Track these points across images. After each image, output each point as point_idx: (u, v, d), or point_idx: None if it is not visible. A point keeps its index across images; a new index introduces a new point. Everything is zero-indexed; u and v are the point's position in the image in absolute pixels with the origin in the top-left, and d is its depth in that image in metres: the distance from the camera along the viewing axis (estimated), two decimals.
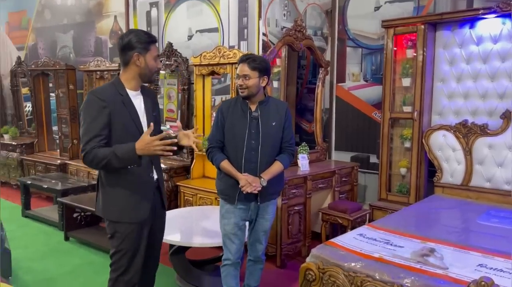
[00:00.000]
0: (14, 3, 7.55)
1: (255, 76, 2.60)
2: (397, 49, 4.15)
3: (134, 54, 2.22)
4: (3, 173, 6.78)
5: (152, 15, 5.30)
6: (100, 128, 2.15)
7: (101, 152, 2.10)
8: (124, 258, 2.28)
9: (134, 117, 2.26)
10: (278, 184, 2.81)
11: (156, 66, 2.32)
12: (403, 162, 4.15)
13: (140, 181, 2.27)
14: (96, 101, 2.17)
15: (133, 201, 2.26)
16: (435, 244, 2.57)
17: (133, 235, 2.27)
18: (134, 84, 2.29)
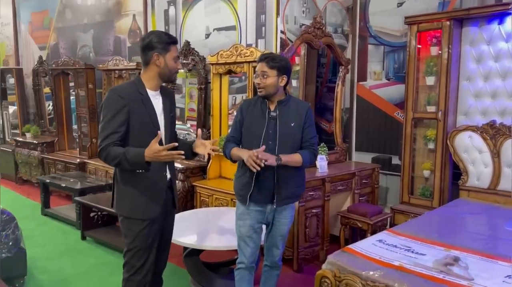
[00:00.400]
0: (37, 3, 7.65)
1: (273, 75, 2.50)
2: (420, 47, 3.98)
3: (154, 54, 2.26)
4: (25, 171, 6.88)
5: (170, 14, 5.26)
6: (118, 126, 2.20)
7: (114, 151, 2.16)
8: (136, 256, 2.30)
9: (152, 116, 2.30)
10: (297, 188, 2.66)
11: (176, 67, 2.35)
12: (427, 164, 3.99)
13: (153, 179, 2.30)
14: (116, 98, 2.23)
15: (145, 199, 2.29)
16: (459, 252, 2.43)
17: (144, 232, 2.29)
18: (154, 84, 2.33)
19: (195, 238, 3.13)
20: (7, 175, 7.42)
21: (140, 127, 2.25)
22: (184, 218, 3.53)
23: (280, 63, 2.51)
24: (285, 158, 2.48)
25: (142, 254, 2.30)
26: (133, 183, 2.29)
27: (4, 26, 8.54)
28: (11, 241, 3.19)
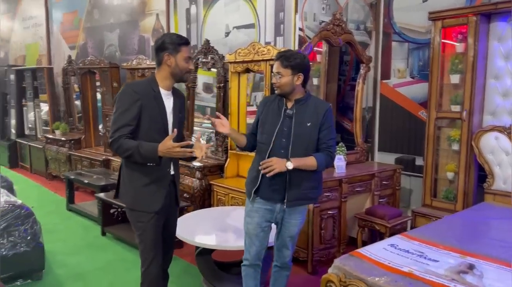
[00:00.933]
0: (68, 4, 7.87)
1: (287, 74, 2.45)
2: (445, 43, 3.82)
3: (165, 55, 2.35)
4: (54, 167, 7.10)
5: (191, 12, 5.28)
6: (130, 119, 2.29)
7: (127, 144, 2.25)
8: (147, 248, 2.41)
9: (162, 114, 2.39)
10: (311, 190, 2.57)
11: (187, 67, 2.41)
12: (451, 165, 3.82)
13: (157, 174, 2.39)
14: (130, 93, 2.33)
15: (148, 192, 2.38)
16: (476, 259, 2.30)
17: (151, 224, 2.39)
18: (167, 84, 2.42)
19: (206, 237, 3.12)
20: (38, 171, 7.68)
21: (150, 122, 2.34)
22: (197, 216, 3.53)
23: (294, 62, 2.44)
24: (297, 162, 2.40)
25: (153, 246, 2.41)
26: (138, 177, 2.38)
27: (38, 27, 8.84)
28: (29, 236, 3.28)
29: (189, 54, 2.42)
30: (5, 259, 3.16)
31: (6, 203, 3.25)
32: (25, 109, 8.41)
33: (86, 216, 5.10)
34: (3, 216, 3.16)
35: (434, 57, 3.81)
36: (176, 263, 3.76)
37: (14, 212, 3.22)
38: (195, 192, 4.37)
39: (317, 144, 2.51)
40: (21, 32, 9.57)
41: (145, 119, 2.32)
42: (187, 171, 4.52)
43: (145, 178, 2.37)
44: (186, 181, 4.50)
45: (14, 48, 9.97)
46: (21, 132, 8.46)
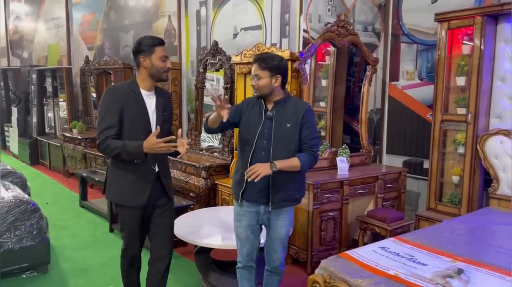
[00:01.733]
0: (87, 6, 8.09)
1: (265, 76, 2.46)
2: (452, 45, 3.76)
3: (141, 57, 2.45)
4: (71, 164, 7.30)
5: (201, 14, 5.35)
6: (113, 120, 2.42)
7: (114, 144, 2.39)
8: (127, 236, 2.62)
9: (144, 114, 2.50)
10: (295, 191, 2.58)
11: (164, 66, 2.48)
12: (456, 169, 3.76)
13: (142, 171, 2.51)
14: (110, 96, 2.47)
15: (132, 188, 2.51)
16: (466, 264, 2.26)
17: (130, 216, 2.55)
18: (147, 84, 2.51)
19: (203, 236, 3.16)
20: (56, 168, 7.91)
21: (132, 123, 2.46)
22: (197, 215, 3.59)
23: (272, 63, 2.46)
24: (281, 164, 2.41)
25: (130, 236, 2.60)
26: (123, 174, 2.51)
27: (60, 28, 9.11)
28: (35, 230, 3.40)
29: (164, 53, 2.48)
30: (12, 253, 3.29)
31: (14, 198, 3.38)
32: (46, 108, 8.67)
33: (96, 213, 5.23)
34: (10, 211, 3.28)
35: (440, 59, 3.76)
36: (177, 262, 3.84)
37: (20, 207, 3.34)
38: (201, 192, 4.43)
39: (299, 144, 2.52)
40: (44, 33, 9.88)
41: (127, 120, 2.44)
42: (194, 171, 4.58)
43: (129, 175, 2.49)
44: (192, 181, 4.57)
45: (37, 48, 10.28)
46: (41, 130, 8.72)
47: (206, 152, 5.00)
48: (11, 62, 11.66)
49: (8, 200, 3.33)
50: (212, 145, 5.10)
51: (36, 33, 10.27)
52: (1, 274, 3.23)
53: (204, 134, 5.29)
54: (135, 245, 2.65)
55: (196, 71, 5.28)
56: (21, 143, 9.05)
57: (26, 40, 10.83)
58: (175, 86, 5.60)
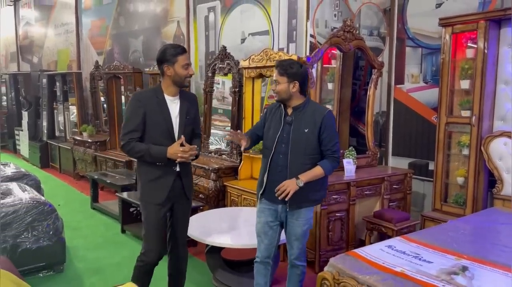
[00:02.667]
0: (96, 12, 8.23)
1: (284, 82, 2.61)
2: (456, 49, 3.84)
3: (165, 66, 2.61)
4: (81, 167, 7.42)
5: (210, 20, 5.46)
6: (136, 124, 2.61)
7: (138, 146, 2.60)
8: (147, 234, 2.70)
9: (167, 119, 2.65)
10: (314, 193, 2.69)
11: (187, 73, 2.64)
12: (461, 170, 3.83)
13: (163, 171, 2.66)
14: (135, 102, 2.65)
15: (154, 186, 2.67)
16: (471, 262, 2.34)
17: (151, 214, 2.69)
18: (171, 90, 2.67)
19: (214, 235, 3.25)
20: (67, 171, 8.04)
21: (155, 127, 2.61)
22: (208, 216, 3.68)
23: (290, 70, 2.60)
24: (306, 177, 2.57)
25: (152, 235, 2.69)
26: (147, 174, 2.69)
27: (69, 33, 9.26)
28: (51, 231, 3.51)
29: (187, 61, 2.63)
30: (29, 252, 3.40)
31: (31, 200, 3.49)
32: (56, 111, 8.81)
33: (108, 214, 5.34)
34: (28, 212, 3.40)
35: (445, 62, 3.85)
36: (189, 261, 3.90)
37: (38, 208, 3.45)
38: (210, 193, 4.53)
39: (315, 148, 2.63)
40: (54, 38, 10.04)
41: (149, 124, 2.61)
42: (203, 173, 4.68)
43: (151, 174, 2.67)
44: (202, 182, 4.67)
45: (47, 53, 10.45)
46: (52, 133, 8.86)
47: (215, 154, 5.11)
48: (21, 67, 11.83)
49: (25, 201, 3.45)
50: (220, 147, 5.20)
51: (46, 39, 10.44)
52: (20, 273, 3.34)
53: (212, 137, 5.39)
54: (155, 245, 2.71)
55: (204, 76, 5.39)
56: (31, 146, 9.20)
57: (36, 46, 11.00)
58: None
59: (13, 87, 10.50)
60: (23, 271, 3.42)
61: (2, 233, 3.30)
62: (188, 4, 5.79)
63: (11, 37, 12.29)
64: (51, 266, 3.59)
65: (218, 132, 5.35)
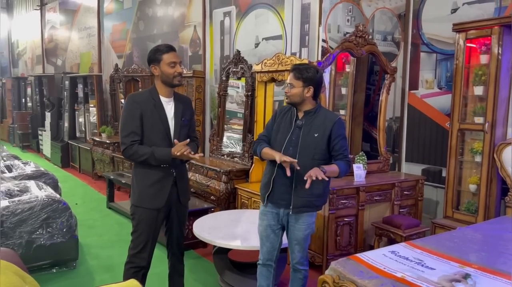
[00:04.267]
0: (117, 16, 8.43)
1: (298, 86, 2.61)
2: (470, 55, 3.80)
3: (152, 67, 2.63)
4: (99, 167, 7.59)
5: (225, 24, 5.54)
6: (134, 126, 2.59)
7: (142, 150, 2.57)
8: (140, 237, 2.67)
9: (163, 119, 2.64)
10: (316, 198, 2.70)
11: (173, 72, 2.59)
12: (473, 178, 3.78)
13: (161, 175, 2.64)
14: (131, 103, 2.63)
15: (151, 191, 2.64)
16: (475, 270, 2.32)
17: (148, 219, 2.65)
18: (164, 91, 2.66)
19: (221, 237, 3.29)
20: (86, 171, 8.23)
21: (152, 128, 2.59)
22: (217, 217, 3.73)
23: (306, 75, 2.60)
24: (327, 168, 2.54)
25: (145, 237, 2.66)
26: (144, 178, 2.65)
27: (91, 37, 9.50)
28: (65, 228, 3.61)
29: (173, 59, 2.59)
30: (43, 248, 3.51)
31: (46, 197, 3.61)
32: (77, 113, 9.04)
33: (122, 214, 5.45)
34: (43, 209, 3.51)
35: (458, 68, 3.81)
36: (197, 262, 4.00)
37: (52, 206, 3.56)
38: (221, 195, 4.58)
39: (324, 153, 2.64)
40: (77, 42, 10.31)
41: (147, 126, 2.59)
42: (215, 175, 4.74)
43: (149, 179, 2.63)
44: (213, 184, 4.72)
45: (70, 56, 10.74)
46: (73, 134, 9.09)
47: (227, 157, 5.16)
48: (46, 69, 12.18)
49: (41, 199, 3.56)
50: (236, 151, 5.25)
51: (69, 42, 10.73)
52: (33, 268, 3.46)
53: (226, 139, 5.45)
54: (147, 250, 2.69)
55: (219, 79, 5.46)
56: (53, 146, 9.45)
57: (60, 49, 11.31)
58: (199, 94, 5.79)
59: (37, 88, 10.82)
60: (37, 266, 3.54)
61: (18, 229, 3.42)
62: (205, 9, 5.89)
63: (37, 40, 12.67)
64: (64, 262, 3.70)
65: (235, 136, 5.39)
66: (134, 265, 2.71)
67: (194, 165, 5.12)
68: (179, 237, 2.88)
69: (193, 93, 5.76)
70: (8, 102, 13.20)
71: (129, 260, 2.72)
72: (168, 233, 2.87)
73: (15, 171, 4.84)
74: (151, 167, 2.62)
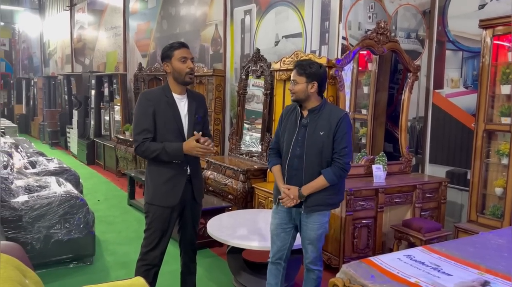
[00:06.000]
0: (142, 16, 8.54)
1: (302, 82, 2.56)
2: (498, 52, 3.64)
3: (164, 64, 2.62)
4: (123, 165, 7.70)
5: (246, 23, 5.51)
6: (147, 124, 2.56)
7: (153, 146, 2.54)
8: (153, 235, 2.66)
9: (176, 117, 2.62)
10: (329, 197, 2.64)
11: (184, 67, 2.55)
12: (500, 181, 3.62)
13: (175, 172, 2.61)
14: (144, 101, 2.61)
15: (165, 188, 2.61)
16: (495, 277, 2.20)
17: (162, 217, 2.63)
18: (177, 89, 2.64)
19: (235, 236, 3.26)
20: (110, 168, 8.37)
21: (165, 126, 2.57)
22: (232, 217, 3.70)
23: (309, 70, 2.55)
24: (308, 190, 2.56)
25: (159, 235, 2.65)
26: (157, 176, 2.63)
27: (117, 36, 9.66)
28: (82, 224, 3.66)
29: (184, 54, 2.55)
30: (61, 243, 3.57)
31: (64, 193, 3.66)
32: (103, 111, 9.21)
33: (142, 211, 5.46)
34: (60, 204, 3.57)
35: (484, 66, 3.66)
36: (212, 261, 3.98)
37: (70, 202, 3.62)
38: (238, 194, 4.55)
39: (331, 151, 2.58)
40: (104, 41, 10.51)
41: (160, 123, 2.56)
42: (232, 174, 4.72)
43: (163, 176, 2.60)
44: (231, 183, 4.70)
45: (97, 56, 10.96)
46: (98, 132, 9.27)
47: (246, 156, 5.13)
48: (74, 69, 12.48)
49: (59, 195, 3.62)
50: (251, 149, 5.21)
51: (97, 41, 10.95)
52: (51, 263, 3.52)
53: (246, 138, 5.42)
54: (160, 248, 2.69)
55: (239, 78, 5.43)
56: (80, 144, 9.66)
57: (88, 48, 11.56)
58: (219, 92, 5.78)
59: (66, 87, 11.10)
60: (55, 261, 3.60)
61: (37, 223, 3.49)
62: (226, 7, 5.88)
63: (67, 40, 13.00)
64: (81, 257, 3.75)
65: (254, 134, 5.34)
66: (146, 263, 2.70)
67: (212, 163, 5.11)
68: (192, 236, 2.86)
69: (213, 92, 5.75)
70: (39, 101, 13.60)
71: (141, 258, 2.72)
72: (182, 231, 2.85)
73: (38, 167, 4.95)
74: (164, 164, 2.59)
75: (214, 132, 5.74)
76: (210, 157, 5.17)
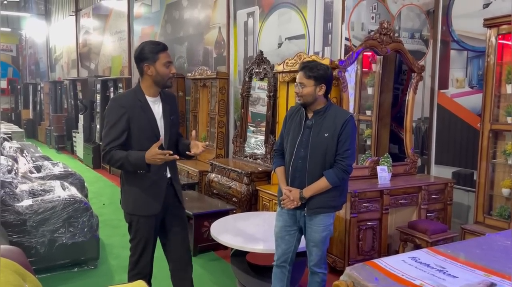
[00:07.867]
0: (146, 20, 8.57)
1: (310, 85, 2.53)
2: (503, 51, 3.60)
3: (145, 65, 2.41)
4: None
5: (248, 25, 5.51)
6: (119, 132, 2.40)
7: (117, 155, 2.38)
8: (140, 244, 2.56)
9: (152, 121, 2.47)
10: (332, 198, 2.62)
11: (168, 72, 2.44)
12: (507, 181, 3.57)
13: (154, 179, 2.47)
14: (116, 107, 2.44)
15: (145, 197, 2.47)
16: (502, 279, 2.16)
17: (147, 226, 2.52)
18: (152, 91, 2.48)
19: (237, 239, 3.24)
20: (115, 172, 8.36)
21: (140, 132, 2.43)
22: (235, 219, 3.69)
23: (317, 73, 2.52)
24: (309, 192, 2.54)
25: (144, 244, 2.55)
26: (136, 183, 2.47)
27: (122, 41, 9.71)
28: (86, 228, 3.66)
29: (168, 59, 2.42)
30: (65, 247, 3.57)
31: (68, 197, 3.67)
32: None
33: None
34: (64, 208, 3.57)
35: (489, 65, 3.62)
36: (217, 263, 3.96)
37: (74, 205, 3.62)
38: (242, 197, 4.54)
39: (335, 154, 2.56)
40: (109, 46, 10.57)
41: (134, 129, 2.41)
42: (236, 177, 4.70)
43: (142, 185, 2.45)
44: (235, 186, 4.69)
45: (103, 60, 11.01)
46: None
47: (250, 158, 5.11)
48: (80, 73, 12.55)
49: (63, 199, 3.63)
50: (256, 152, 5.20)
51: (102, 46, 11.00)
52: (55, 267, 3.52)
53: (251, 140, 5.41)
54: (148, 256, 2.60)
55: (242, 80, 5.43)
56: (85, 148, 9.70)
57: (93, 53, 11.62)
58: (223, 95, 5.78)
59: (72, 92, 11.16)
60: (59, 265, 3.60)
61: (41, 227, 3.49)
62: (229, 10, 5.88)
63: (72, 45, 13.09)
64: (85, 261, 3.75)
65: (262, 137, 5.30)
66: (137, 272, 2.61)
67: (216, 166, 5.10)
68: (184, 239, 2.71)
69: (217, 95, 5.75)
70: (45, 105, 13.69)
71: (132, 268, 2.63)
72: (167, 240, 2.68)
73: (43, 171, 4.97)
74: None
75: (218, 134, 5.73)
76: (214, 160, 5.16)
